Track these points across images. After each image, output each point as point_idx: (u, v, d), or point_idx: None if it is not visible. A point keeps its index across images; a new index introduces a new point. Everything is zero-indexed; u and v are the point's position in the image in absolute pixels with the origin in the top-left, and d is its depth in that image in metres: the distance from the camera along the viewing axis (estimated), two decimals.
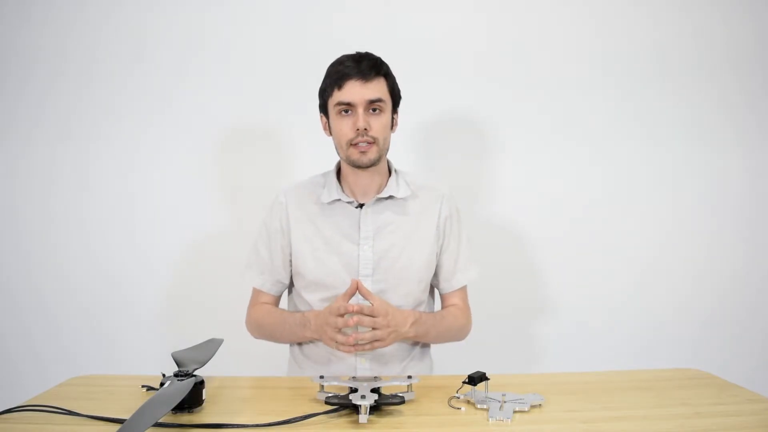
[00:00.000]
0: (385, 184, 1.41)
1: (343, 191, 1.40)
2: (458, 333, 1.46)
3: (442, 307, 1.49)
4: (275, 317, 1.43)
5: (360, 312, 1.22)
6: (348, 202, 1.40)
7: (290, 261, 1.43)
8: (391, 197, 1.40)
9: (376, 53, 1.37)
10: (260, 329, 1.45)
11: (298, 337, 1.40)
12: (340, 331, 1.24)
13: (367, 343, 1.24)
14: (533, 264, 2.06)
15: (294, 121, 1.98)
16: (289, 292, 1.51)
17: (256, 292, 1.47)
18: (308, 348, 1.43)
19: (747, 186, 2.10)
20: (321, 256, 1.37)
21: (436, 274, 1.45)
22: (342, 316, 1.23)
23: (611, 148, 2.07)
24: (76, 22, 1.99)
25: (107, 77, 2.00)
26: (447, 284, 1.45)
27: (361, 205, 1.39)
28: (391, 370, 1.39)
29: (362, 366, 1.37)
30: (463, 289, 1.47)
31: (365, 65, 1.31)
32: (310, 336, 1.36)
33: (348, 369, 1.38)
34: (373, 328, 1.24)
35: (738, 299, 2.10)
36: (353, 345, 1.23)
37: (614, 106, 2.06)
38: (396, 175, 1.43)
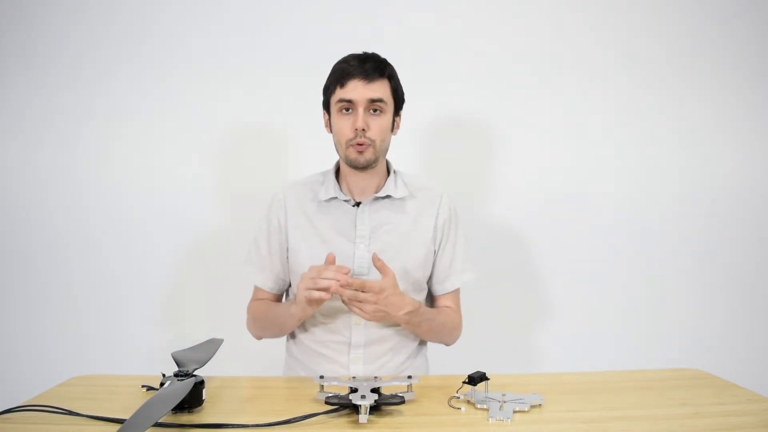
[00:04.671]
0: (383, 185, 1.41)
1: (341, 190, 1.40)
2: (450, 333, 1.44)
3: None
4: (267, 306, 1.43)
5: (357, 285, 1.20)
6: (345, 201, 1.39)
7: (287, 257, 1.42)
8: (388, 197, 1.40)
9: (378, 52, 1.36)
10: (255, 321, 1.44)
11: (286, 316, 1.34)
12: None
13: (345, 298, 1.21)
14: (533, 265, 2.06)
15: (294, 120, 1.98)
16: (287, 294, 1.49)
17: (257, 290, 1.47)
18: (299, 341, 1.41)
19: (748, 186, 2.10)
20: (316, 253, 1.35)
21: (430, 275, 1.44)
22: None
23: (612, 149, 2.07)
24: (77, 22, 1.99)
25: (106, 77, 2.00)
26: (440, 286, 1.44)
27: (357, 204, 1.39)
28: (384, 365, 1.37)
29: (355, 363, 1.35)
30: (456, 291, 1.45)
31: (369, 66, 1.31)
32: (295, 310, 1.29)
33: (342, 365, 1.36)
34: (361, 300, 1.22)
35: (738, 299, 2.10)
36: (327, 292, 1.18)
37: (616, 107, 2.07)
38: (395, 176, 1.42)
